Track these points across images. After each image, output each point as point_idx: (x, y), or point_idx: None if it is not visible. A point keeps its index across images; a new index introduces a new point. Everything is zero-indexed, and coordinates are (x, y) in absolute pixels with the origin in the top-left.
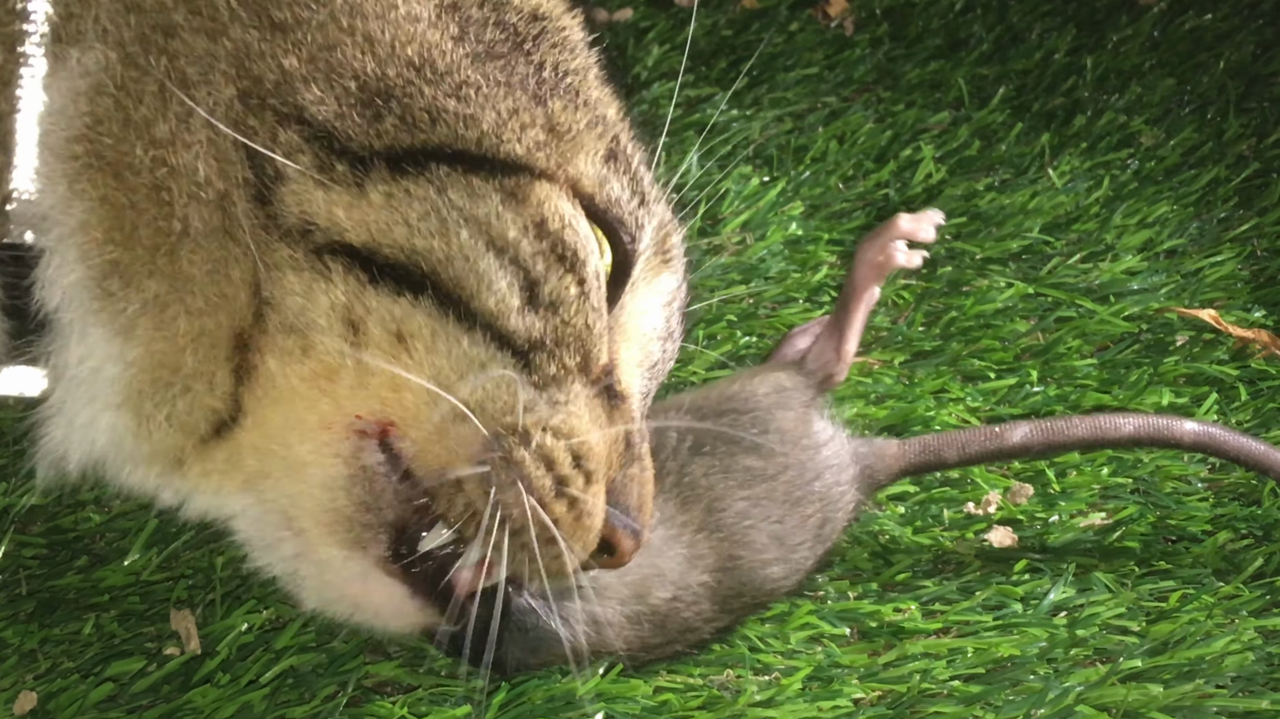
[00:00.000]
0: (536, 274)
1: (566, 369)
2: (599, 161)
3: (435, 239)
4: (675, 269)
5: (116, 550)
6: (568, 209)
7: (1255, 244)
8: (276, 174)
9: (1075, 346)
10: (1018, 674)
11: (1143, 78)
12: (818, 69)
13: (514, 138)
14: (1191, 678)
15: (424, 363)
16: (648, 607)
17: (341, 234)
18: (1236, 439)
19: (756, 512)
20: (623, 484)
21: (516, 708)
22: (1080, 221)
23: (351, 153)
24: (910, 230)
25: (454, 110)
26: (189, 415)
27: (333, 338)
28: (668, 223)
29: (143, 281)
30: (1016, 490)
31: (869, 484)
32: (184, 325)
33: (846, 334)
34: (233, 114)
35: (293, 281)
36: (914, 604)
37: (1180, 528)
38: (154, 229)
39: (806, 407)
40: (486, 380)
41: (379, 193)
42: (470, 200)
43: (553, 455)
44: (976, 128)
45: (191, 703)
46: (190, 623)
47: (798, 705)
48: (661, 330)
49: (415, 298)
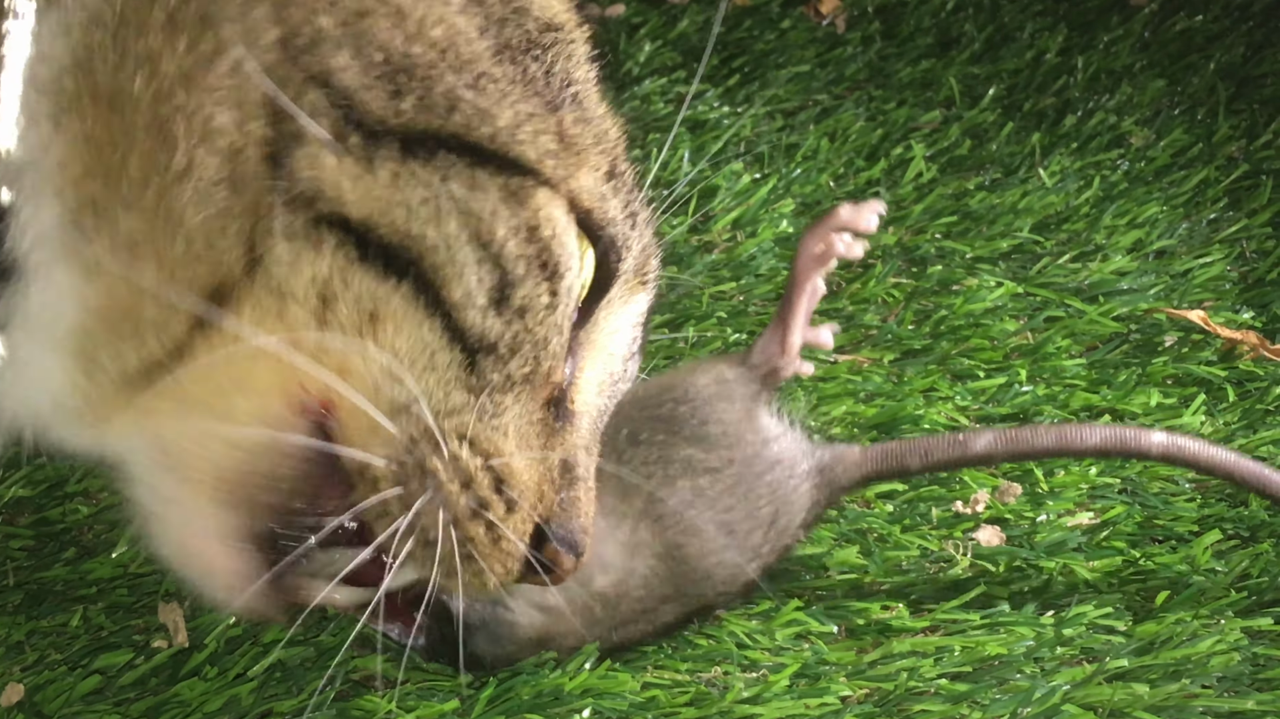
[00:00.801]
0: (514, 276)
1: (510, 380)
2: (601, 178)
3: (429, 226)
4: (650, 291)
5: (104, 543)
6: (562, 221)
7: (1244, 245)
8: (295, 135)
9: (1064, 346)
10: (1004, 673)
11: (1133, 78)
12: (809, 66)
13: (527, 140)
14: (1177, 678)
15: (387, 346)
16: (592, 593)
17: (343, 207)
18: (1206, 449)
19: (700, 501)
20: (562, 507)
21: (504, 703)
22: (1070, 221)
23: (368, 126)
24: (850, 220)
25: (472, 101)
26: (133, 363)
27: (305, 311)
28: (649, 245)
29: (117, 216)
30: (1005, 489)
31: (830, 487)
32: (152, 271)
33: (790, 326)
34: (268, 62)
35: (283, 248)
36: (902, 602)
37: (1167, 528)
38: (147, 164)
39: (751, 400)
40: (430, 375)
41: (387, 170)
42: (470, 193)
43: (471, 473)
44: (967, 127)
45: (179, 696)
46: (178, 616)
47: (785, 702)
48: (628, 350)
49: (397, 282)
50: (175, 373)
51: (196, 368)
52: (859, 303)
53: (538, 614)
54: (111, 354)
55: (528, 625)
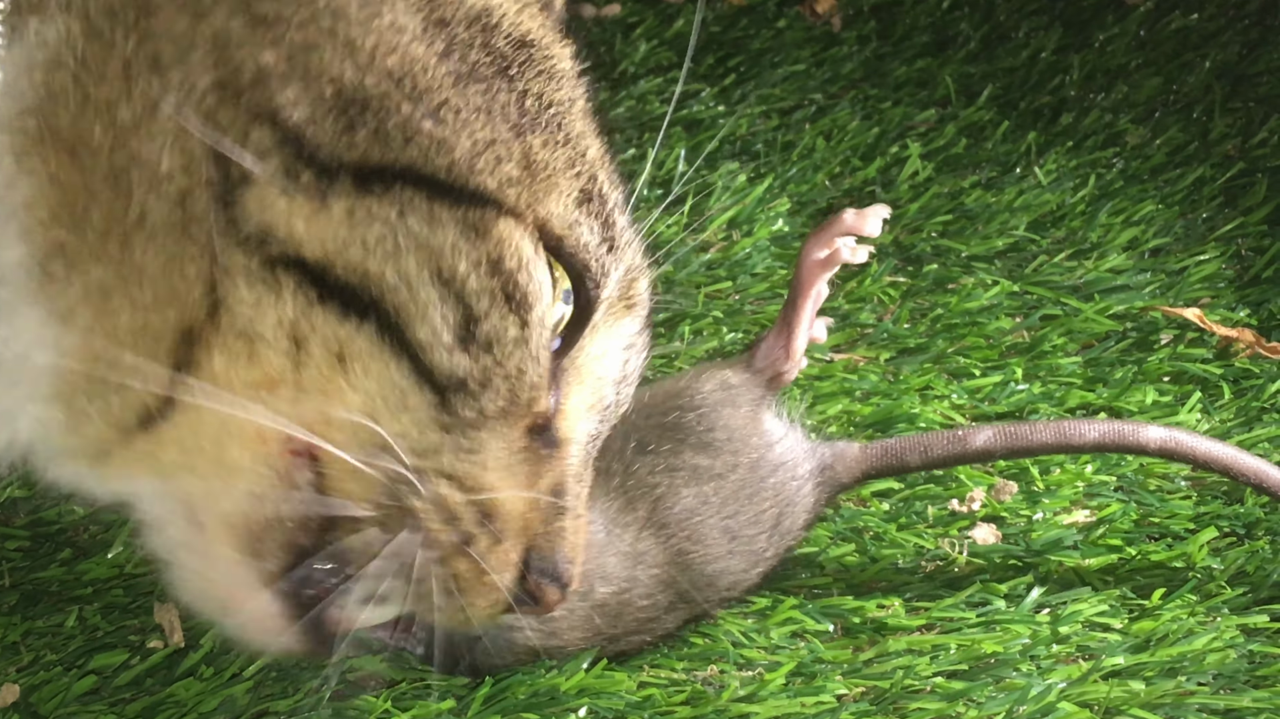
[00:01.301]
0: (478, 311)
1: (484, 415)
2: (572, 204)
3: (387, 264)
4: (638, 314)
5: (100, 543)
6: (528, 251)
7: (1240, 243)
8: (242, 176)
9: (1060, 344)
10: (1000, 671)
11: (1129, 77)
12: (805, 66)
13: (486, 170)
14: (1173, 675)
15: (359, 388)
16: (593, 603)
17: (298, 248)
18: (1204, 444)
19: (705, 508)
20: (548, 539)
21: (500, 702)
22: (1066, 220)
23: (320, 162)
24: (855, 225)
25: (428, 132)
26: (121, 410)
27: (277, 353)
28: (635, 268)
29: (88, 267)
30: (1001, 488)
31: (831, 485)
32: (127, 317)
33: (795, 331)
34: (205, 106)
35: (244, 291)
36: (897, 600)
37: (1163, 526)
38: (107, 214)
39: (755, 404)
40: (404, 416)
41: (341, 207)
42: (429, 228)
43: (454, 509)
44: (963, 126)
45: (174, 696)
46: (174, 616)
47: (781, 701)
48: (617, 375)
49: (359, 322)
50: (168, 419)
51: (186, 417)
52: (855, 301)
53: (536, 623)
54: (96, 401)
55: (525, 638)
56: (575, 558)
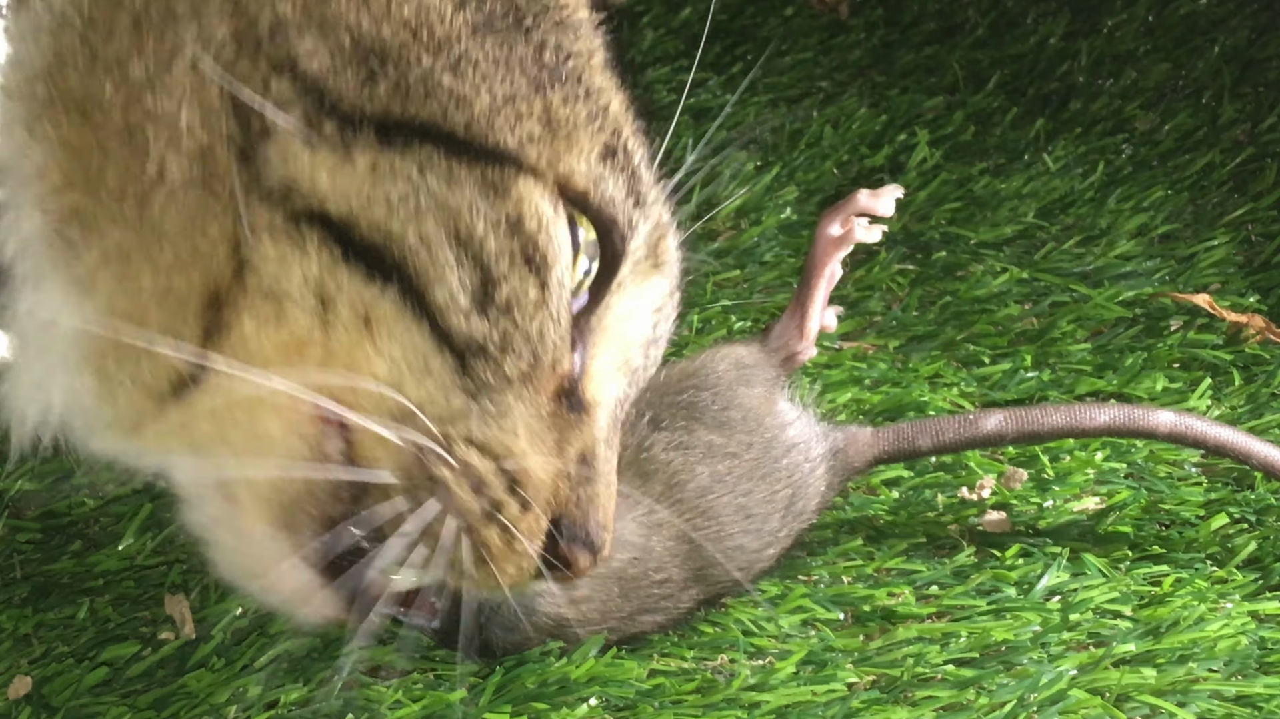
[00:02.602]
0: (497, 274)
1: (507, 379)
2: (595, 159)
3: (410, 225)
4: (667, 274)
5: (111, 535)
6: (548, 210)
7: (1249, 229)
8: (264, 128)
9: (1070, 331)
10: (1011, 658)
11: (1137, 63)
12: (812, 54)
13: (506, 127)
14: (1184, 662)
15: (385, 353)
16: (610, 570)
17: (322, 202)
18: (1215, 429)
19: (720, 486)
20: (579, 505)
21: (510, 692)
22: (1075, 206)
23: (342, 113)
24: (869, 205)
25: (448, 86)
26: (153, 377)
27: (304, 311)
28: (663, 224)
29: (106, 229)
30: (1010, 475)
31: (843, 469)
32: (149, 280)
33: (809, 311)
34: (223, 58)
35: (269, 248)
36: (908, 588)
37: (1174, 512)
38: (123, 173)
39: (770, 384)
40: (428, 381)
41: (364, 161)
42: (448, 187)
43: (483, 476)
44: (971, 113)
45: (186, 687)
46: (185, 607)
47: (791, 689)
48: (646, 336)
49: (384, 285)
50: (201, 387)
51: (218, 385)
52: (864, 289)
53: (558, 590)
54: (126, 367)
55: (547, 605)
56: (607, 523)
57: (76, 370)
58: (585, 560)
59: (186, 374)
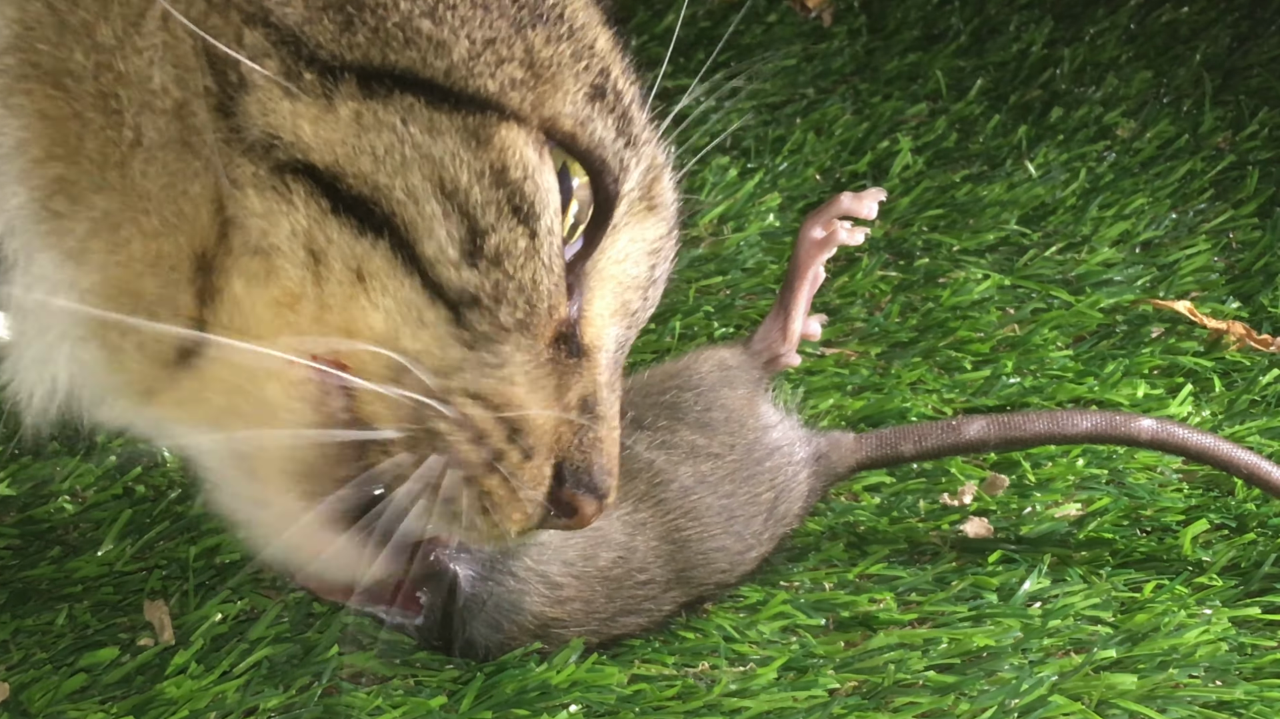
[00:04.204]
0: (484, 224)
1: (502, 328)
2: (582, 99)
3: (396, 177)
4: (663, 215)
5: (90, 541)
6: (532, 157)
7: (1230, 237)
8: (241, 81)
9: (1051, 338)
10: (992, 664)
11: (1119, 70)
12: (795, 60)
13: (486, 72)
14: (1165, 668)
15: (380, 306)
16: (596, 569)
17: (306, 152)
18: (1196, 436)
19: (703, 487)
20: (584, 450)
21: (490, 698)
22: (1057, 213)
23: (321, 62)
24: (852, 208)
25: (426, 32)
26: (157, 346)
27: (294, 264)
28: (658, 165)
29: (91, 199)
30: (992, 481)
31: (826, 474)
32: (139, 246)
33: (792, 314)
34: (194, 13)
35: (254, 201)
36: (889, 595)
37: (1154, 519)
38: (102, 140)
39: (753, 386)
40: (423, 333)
41: (348, 109)
42: (430, 137)
43: (483, 427)
44: (954, 120)
45: (165, 693)
46: (164, 613)
47: (773, 695)
48: (643, 278)
49: (375, 239)
50: (205, 355)
51: (220, 352)
52: (846, 296)
53: (544, 588)
54: (129, 337)
55: (531, 604)
56: (612, 468)
57: (81, 343)
58: (590, 507)
59: (190, 344)
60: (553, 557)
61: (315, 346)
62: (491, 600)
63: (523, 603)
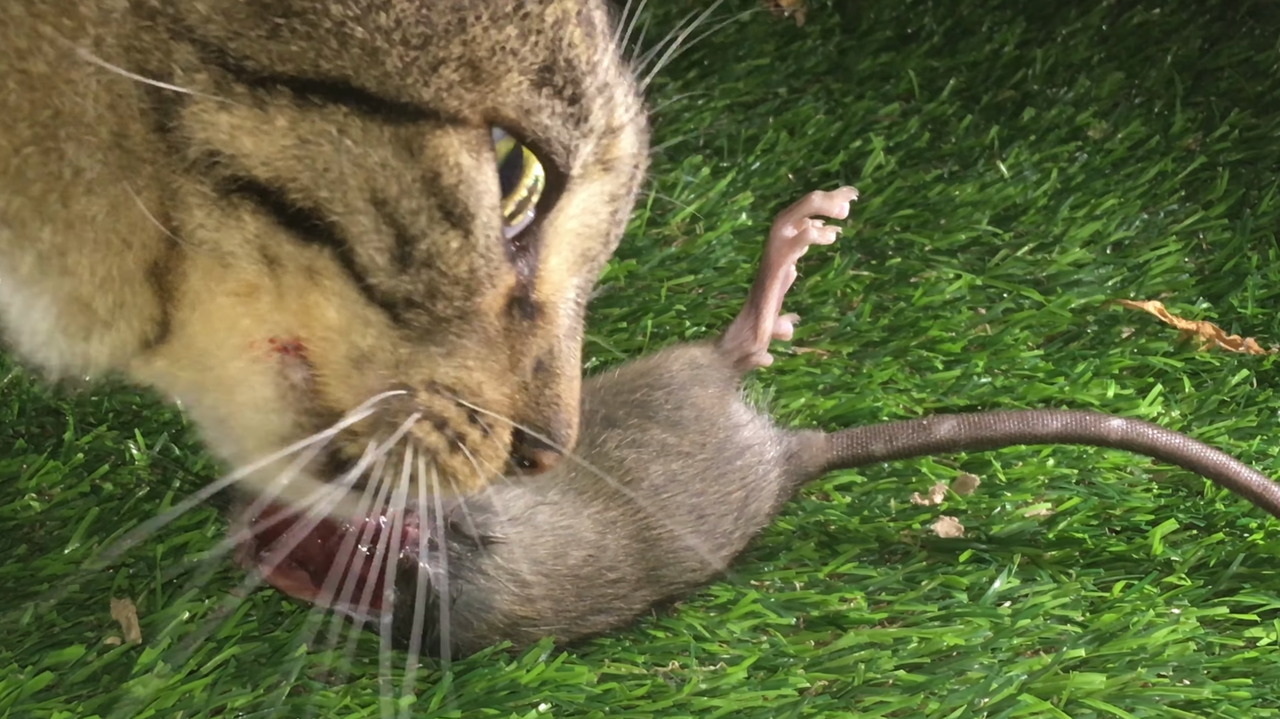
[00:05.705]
0: (414, 232)
1: (442, 319)
2: (527, 88)
3: (336, 189)
4: (619, 173)
5: (57, 539)
6: (468, 161)
7: (1201, 237)
8: (177, 96)
9: (1022, 338)
10: (962, 664)
11: (1091, 71)
12: (769, 59)
13: (420, 80)
14: (1134, 667)
15: (333, 304)
16: (566, 568)
17: (247, 168)
18: (1166, 436)
19: (673, 485)
20: (541, 410)
21: (460, 697)
22: (1028, 214)
23: (250, 73)
24: (823, 207)
25: (359, 38)
26: (121, 341)
27: (251, 263)
28: (616, 127)
29: (37, 232)
30: (963, 481)
31: (797, 473)
32: (89, 270)
33: (763, 312)
34: (124, 32)
35: (202, 218)
36: (859, 594)
37: (1124, 519)
38: (43, 174)
39: (723, 385)
40: (369, 332)
41: (283, 121)
42: (363, 149)
43: (443, 414)
44: (926, 119)
45: (132, 692)
46: (131, 612)
47: (743, 694)
48: (604, 226)
49: (320, 248)
50: (168, 340)
51: (181, 337)
52: (818, 295)
53: (514, 587)
54: (89, 337)
55: (501, 602)
56: (571, 420)
57: (56, 339)
58: (550, 459)
59: (153, 335)
60: (523, 555)
61: (275, 330)
62: (461, 598)
63: (492, 601)
